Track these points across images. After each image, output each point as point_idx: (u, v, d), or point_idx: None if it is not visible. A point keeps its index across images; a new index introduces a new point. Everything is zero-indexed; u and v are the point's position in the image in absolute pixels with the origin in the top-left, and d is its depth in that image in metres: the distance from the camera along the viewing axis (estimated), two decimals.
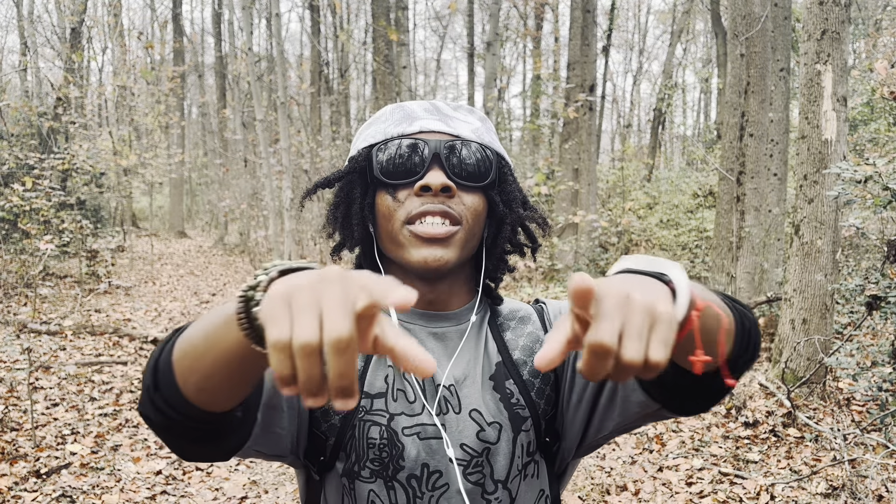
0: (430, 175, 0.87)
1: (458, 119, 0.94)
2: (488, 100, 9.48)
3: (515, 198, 0.96)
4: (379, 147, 0.91)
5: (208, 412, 0.67)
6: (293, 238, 11.13)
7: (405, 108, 0.95)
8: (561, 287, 9.82)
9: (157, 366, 0.68)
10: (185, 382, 0.65)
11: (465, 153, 0.90)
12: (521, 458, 0.91)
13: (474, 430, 0.89)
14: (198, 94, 24.31)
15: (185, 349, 0.65)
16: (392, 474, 0.88)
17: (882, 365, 3.82)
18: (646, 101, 29.41)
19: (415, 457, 0.88)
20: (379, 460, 0.88)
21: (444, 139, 0.90)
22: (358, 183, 0.94)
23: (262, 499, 3.56)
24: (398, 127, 0.93)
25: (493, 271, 0.98)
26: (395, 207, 0.88)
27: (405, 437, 0.88)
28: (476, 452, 0.89)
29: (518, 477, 0.91)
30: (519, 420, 0.91)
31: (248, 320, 0.55)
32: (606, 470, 3.90)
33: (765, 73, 7.15)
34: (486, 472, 0.89)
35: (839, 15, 4.80)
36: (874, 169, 3.26)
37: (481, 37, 20.05)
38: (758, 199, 7.08)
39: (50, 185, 8.85)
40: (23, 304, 8.14)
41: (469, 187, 0.90)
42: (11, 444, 3.98)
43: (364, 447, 0.88)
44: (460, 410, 0.90)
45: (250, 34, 11.22)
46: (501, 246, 0.96)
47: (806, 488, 3.57)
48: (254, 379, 0.65)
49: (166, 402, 0.67)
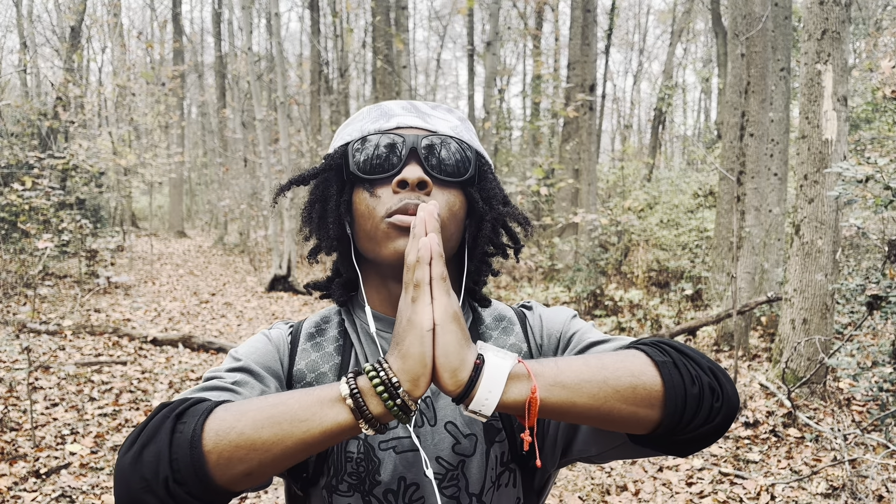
0: (407, 170, 0.85)
1: (436, 117, 0.93)
2: (488, 99, 9.48)
3: (496, 195, 0.94)
4: (355, 144, 0.90)
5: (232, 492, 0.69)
6: (293, 238, 11.12)
7: (382, 106, 0.94)
8: (561, 287, 9.81)
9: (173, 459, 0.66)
10: (227, 470, 0.67)
11: (442, 149, 0.89)
12: (494, 469, 0.90)
13: (450, 442, 0.88)
14: (198, 94, 24.31)
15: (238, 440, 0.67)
16: (369, 489, 0.87)
17: (882, 365, 3.82)
18: (646, 100, 29.42)
19: (391, 471, 0.87)
20: (356, 474, 0.87)
21: (422, 134, 0.89)
22: (334, 180, 0.93)
23: (262, 499, 3.55)
24: (375, 124, 0.91)
25: (476, 273, 0.95)
26: (374, 204, 0.86)
27: (382, 452, 0.87)
28: (451, 466, 0.87)
29: (492, 488, 0.90)
30: (493, 431, 0.89)
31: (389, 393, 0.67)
32: (606, 470, 3.90)
33: (765, 72, 7.14)
34: (462, 486, 0.88)
35: (839, 15, 4.80)
36: (876, 167, 3.25)
37: (481, 36, 20.04)
38: (758, 199, 7.07)
39: (49, 184, 8.85)
40: (22, 304, 8.13)
41: (447, 183, 0.88)
42: (11, 444, 3.97)
43: (342, 461, 0.88)
44: (435, 423, 0.88)
45: (250, 34, 11.21)
46: (482, 246, 0.94)
47: (806, 488, 3.57)
48: None
49: (189, 493, 0.66)
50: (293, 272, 11.03)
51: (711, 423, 0.73)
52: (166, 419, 0.69)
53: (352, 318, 0.96)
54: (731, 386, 0.76)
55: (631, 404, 0.71)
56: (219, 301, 9.89)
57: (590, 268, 9.52)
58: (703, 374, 0.74)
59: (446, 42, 30.61)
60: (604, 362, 0.72)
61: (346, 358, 0.93)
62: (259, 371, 0.87)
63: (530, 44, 22.42)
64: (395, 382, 0.67)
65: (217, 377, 0.84)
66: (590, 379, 0.70)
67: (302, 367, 0.92)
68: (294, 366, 0.92)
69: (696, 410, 0.72)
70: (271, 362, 0.90)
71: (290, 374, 0.92)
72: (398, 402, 0.67)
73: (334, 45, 18.79)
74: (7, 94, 13.65)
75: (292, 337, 0.95)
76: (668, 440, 0.74)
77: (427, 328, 0.67)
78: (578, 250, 10.30)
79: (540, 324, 0.98)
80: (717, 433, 0.74)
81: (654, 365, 0.73)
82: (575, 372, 0.71)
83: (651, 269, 10.92)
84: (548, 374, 0.70)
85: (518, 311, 1.00)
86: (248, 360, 0.88)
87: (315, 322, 0.97)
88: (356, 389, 0.67)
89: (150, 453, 0.67)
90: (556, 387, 0.69)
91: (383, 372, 0.67)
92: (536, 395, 0.68)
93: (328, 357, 0.93)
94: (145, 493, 0.66)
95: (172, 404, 0.71)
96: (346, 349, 0.93)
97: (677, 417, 0.71)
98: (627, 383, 0.71)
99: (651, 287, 10.40)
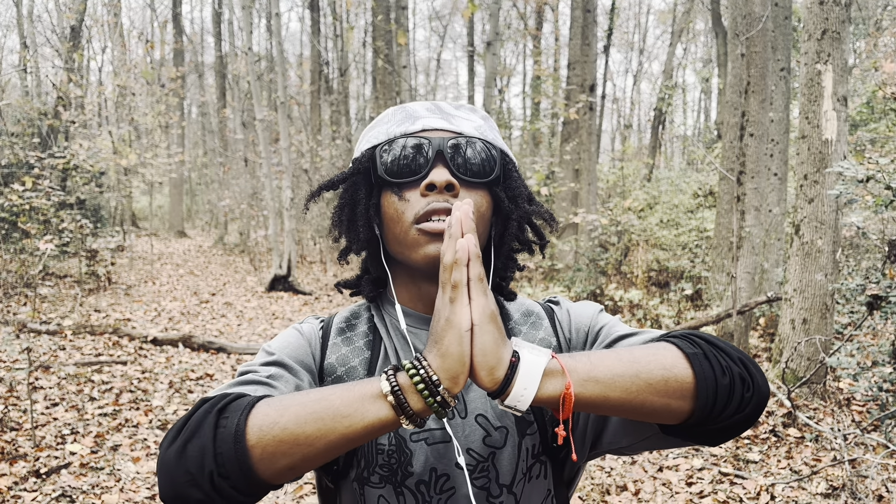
0: (435, 173, 0.86)
1: (460, 117, 0.94)
2: (488, 99, 9.48)
3: (521, 193, 0.95)
4: (382, 147, 0.91)
5: (273, 486, 0.72)
6: (293, 238, 11.12)
7: (407, 108, 0.95)
8: (561, 287, 9.81)
9: (217, 453, 0.68)
10: (271, 465, 0.69)
11: (468, 150, 0.89)
12: (525, 461, 0.91)
13: (481, 435, 0.89)
14: (198, 94, 24.32)
15: (282, 435, 0.69)
16: (401, 480, 0.89)
17: (882, 365, 3.81)
18: (646, 101, 29.42)
19: (423, 462, 0.88)
20: (388, 466, 0.89)
21: (448, 136, 0.90)
22: (362, 184, 0.94)
23: (262, 499, 3.56)
24: (401, 126, 0.92)
25: (503, 270, 0.97)
26: (403, 209, 0.87)
27: (413, 444, 0.88)
28: (482, 457, 0.89)
29: (523, 480, 0.91)
30: (524, 424, 0.91)
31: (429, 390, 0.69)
32: (606, 470, 3.90)
33: (765, 72, 7.14)
34: (492, 477, 0.89)
35: (839, 15, 4.80)
36: (877, 167, 3.25)
37: (481, 36, 20.05)
38: (758, 199, 7.08)
39: (50, 184, 8.85)
40: (22, 304, 8.13)
41: (473, 184, 0.89)
42: (11, 443, 3.98)
43: (373, 453, 0.89)
44: (466, 415, 0.90)
45: (250, 34, 11.21)
46: (509, 244, 0.95)
47: (806, 488, 3.57)
48: None
49: (234, 487, 0.68)
50: (293, 272, 11.03)
51: (742, 412, 0.75)
52: (208, 414, 0.70)
53: (381, 314, 0.98)
54: (761, 376, 0.78)
55: (663, 396, 0.73)
56: (219, 301, 9.89)
57: (590, 268, 9.53)
58: (734, 365, 0.76)
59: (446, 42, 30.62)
60: (635, 356, 0.75)
61: (376, 353, 0.94)
62: (292, 365, 0.89)
63: (530, 44, 22.42)
64: (435, 380, 0.69)
65: (252, 371, 0.86)
66: (622, 373, 0.73)
67: (333, 361, 0.93)
68: (325, 359, 0.94)
69: (728, 400, 0.74)
70: (303, 356, 0.92)
71: (321, 367, 0.94)
72: (438, 400, 0.69)
73: (334, 45, 18.81)
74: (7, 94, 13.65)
75: (323, 331, 0.97)
76: (700, 430, 0.76)
77: (465, 328, 0.69)
78: (578, 250, 10.30)
79: (568, 318, 0.99)
80: (748, 422, 0.76)
81: (685, 357, 0.75)
82: (608, 366, 0.73)
83: (651, 269, 10.91)
84: (581, 369, 0.72)
85: (546, 307, 1.02)
86: (282, 353, 0.90)
87: (345, 317, 1.00)
88: (397, 386, 0.70)
89: (194, 448, 0.68)
90: (590, 382, 0.72)
91: (423, 370, 0.70)
92: (571, 390, 0.70)
93: (358, 351, 0.95)
94: (190, 487, 0.68)
95: (213, 399, 0.73)
96: (376, 344, 0.95)
97: (709, 408, 0.73)
98: (659, 376, 0.73)
99: (651, 287, 10.39)
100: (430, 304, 0.93)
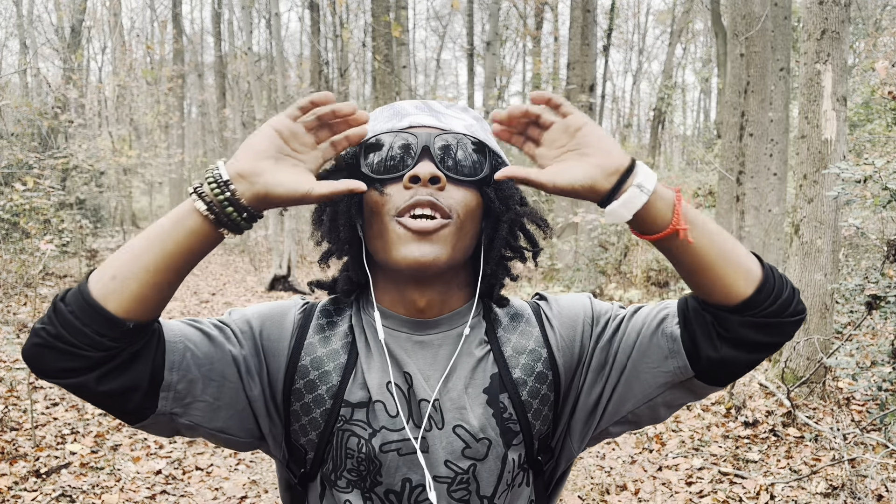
0: (420, 166, 0.83)
1: (450, 115, 0.91)
2: (488, 99, 9.48)
3: (512, 195, 0.91)
4: (368, 143, 0.87)
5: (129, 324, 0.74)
6: (293, 238, 11.13)
7: (396, 106, 0.92)
8: (560, 286, 9.82)
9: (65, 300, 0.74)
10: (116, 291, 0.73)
11: (456, 147, 0.86)
12: (510, 472, 0.88)
13: (459, 446, 0.86)
14: (198, 94, 24.30)
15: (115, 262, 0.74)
16: (370, 487, 0.87)
17: (882, 364, 3.82)
18: (646, 100, 29.39)
19: (394, 472, 0.85)
20: (356, 472, 0.86)
21: (435, 132, 0.87)
22: None
23: (262, 499, 3.56)
24: (387, 123, 0.90)
25: (492, 276, 0.92)
26: (384, 201, 0.84)
27: (383, 454, 0.85)
28: (461, 469, 0.86)
29: (506, 491, 0.89)
30: (510, 435, 0.88)
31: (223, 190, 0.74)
32: (606, 469, 3.90)
33: (765, 72, 7.15)
34: (472, 489, 0.87)
35: (839, 14, 4.80)
36: (873, 168, 3.26)
37: (481, 36, 20.04)
38: (758, 199, 7.08)
39: (50, 184, 8.85)
40: (23, 304, 8.13)
41: (461, 181, 0.86)
42: (11, 443, 3.98)
43: (342, 456, 0.87)
44: (443, 426, 0.86)
45: (250, 34, 11.22)
46: (499, 248, 0.91)
47: (806, 488, 3.58)
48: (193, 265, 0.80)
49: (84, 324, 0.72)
50: (293, 272, 11.03)
51: (787, 310, 0.80)
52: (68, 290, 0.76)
53: (359, 313, 0.94)
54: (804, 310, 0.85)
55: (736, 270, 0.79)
56: (219, 301, 9.90)
57: (589, 267, 9.53)
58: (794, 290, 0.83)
59: (446, 42, 30.60)
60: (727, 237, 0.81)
61: (352, 359, 0.90)
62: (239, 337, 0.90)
63: (530, 44, 22.42)
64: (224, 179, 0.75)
65: None
66: (718, 232, 0.79)
67: (307, 364, 0.90)
68: (300, 360, 0.90)
69: (780, 296, 0.80)
70: (274, 340, 0.93)
71: (294, 367, 0.90)
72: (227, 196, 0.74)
73: (334, 45, 18.79)
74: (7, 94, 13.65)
75: (302, 325, 0.94)
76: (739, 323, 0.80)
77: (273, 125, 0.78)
78: (578, 250, 10.31)
79: (559, 312, 0.96)
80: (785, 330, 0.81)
81: (759, 260, 0.83)
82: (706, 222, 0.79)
83: (650, 268, 10.91)
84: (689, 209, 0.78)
85: (532, 304, 0.99)
86: (242, 323, 0.93)
87: (327, 311, 0.96)
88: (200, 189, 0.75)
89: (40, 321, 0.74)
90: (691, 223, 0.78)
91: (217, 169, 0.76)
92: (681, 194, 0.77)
93: (334, 355, 0.91)
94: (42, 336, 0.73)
95: None
96: (354, 346, 0.91)
97: (765, 296, 0.79)
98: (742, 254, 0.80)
99: (650, 287, 10.40)
100: (414, 307, 0.90)
